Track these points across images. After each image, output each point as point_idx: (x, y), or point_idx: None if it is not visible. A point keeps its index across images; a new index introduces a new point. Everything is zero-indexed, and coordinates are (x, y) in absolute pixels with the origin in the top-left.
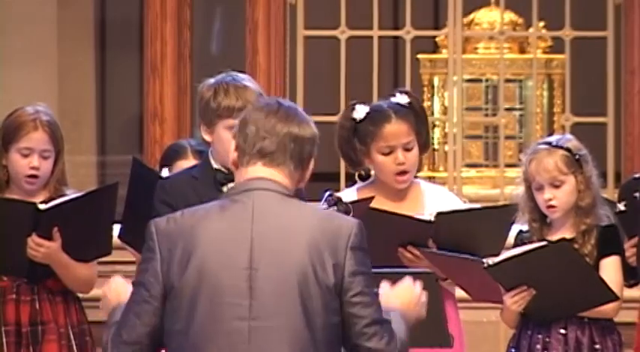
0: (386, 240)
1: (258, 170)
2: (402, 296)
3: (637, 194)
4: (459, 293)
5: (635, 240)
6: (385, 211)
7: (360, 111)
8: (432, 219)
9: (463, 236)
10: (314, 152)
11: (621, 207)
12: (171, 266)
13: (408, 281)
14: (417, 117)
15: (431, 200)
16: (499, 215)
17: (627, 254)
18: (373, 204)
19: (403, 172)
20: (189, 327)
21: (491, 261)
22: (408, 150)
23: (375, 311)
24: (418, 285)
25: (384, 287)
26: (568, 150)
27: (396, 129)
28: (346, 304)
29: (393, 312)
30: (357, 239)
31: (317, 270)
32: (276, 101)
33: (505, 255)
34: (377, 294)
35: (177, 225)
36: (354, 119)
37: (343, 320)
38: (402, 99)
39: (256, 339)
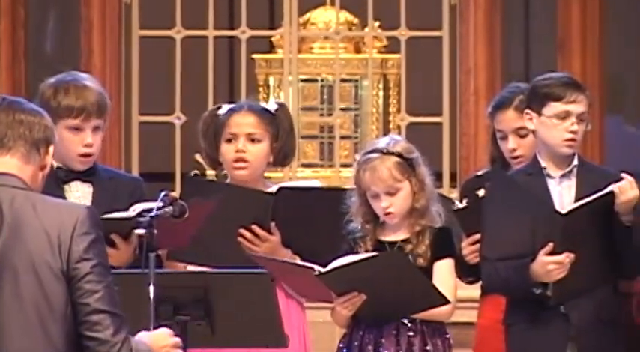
0: (230, 222)
1: None
2: (154, 340)
3: (479, 192)
4: None
5: (475, 237)
6: (227, 184)
7: (224, 108)
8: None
9: (302, 214)
10: (51, 139)
11: (460, 204)
12: None
13: (164, 330)
14: (278, 124)
15: None
16: (338, 197)
17: (465, 252)
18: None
19: (239, 161)
20: None
21: (322, 269)
22: (252, 141)
23: (101, 300)
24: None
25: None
26: (400, 155)
27: (242, 119)
28: (73, 291)
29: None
30: (85, 226)
31: (49, 259)
32: (2, 97)
33: (336, 263)
34: (109, 286)
35: None
36: (217, 115)
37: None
38: (271, 105)
39: None
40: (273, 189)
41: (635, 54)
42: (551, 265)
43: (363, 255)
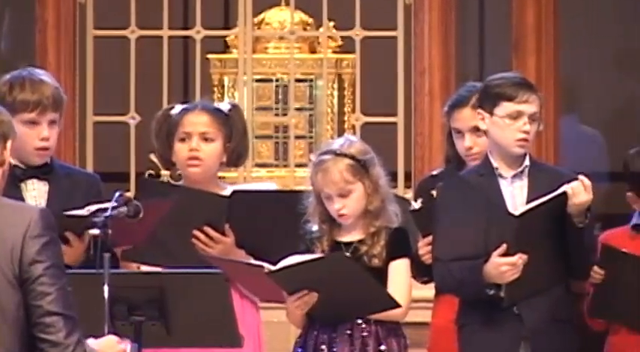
0: (184, 223)
1: None
2: (102, 347)
3: (433, 192)
4: None
5: (430, 238)
6: (181, 186)
7: (178, 108)
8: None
9: (256, 216)
10: (8, 134)
11: (416, 205)
12: None
13: (112, 338)
14: (231, 124)
15: None
16: (291, 200)
17: (421, 252)
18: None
19: (194, 159)
20: None
21: (272, 267)
22: (205, 140)
23: (54, 303)
24: (127, 345)
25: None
26: (353, 157)
27: (195, 119)
28: (26, 294)
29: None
30: (38, 227)
31: (1, 262)
32: None
33: (286, 261)
34: (62, 288)
35: None
36: (170, 115)
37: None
38: (224, 105)
39: None
40: (228, 191)
41: (591, 53)
42: (504, 266)
43: (310, 256)
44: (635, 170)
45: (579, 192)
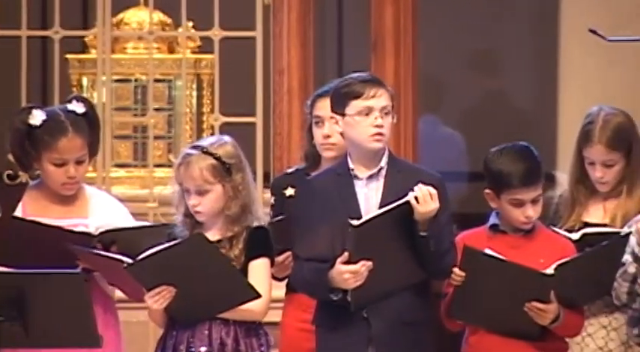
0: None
1: None
2: None
3: (285, 191)
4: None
5: None
6: (30, 220)
7: (37, 118)
8: (95, 232)
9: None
10: None
11: (271, 201)
12: None
13: None
14: (91, 126)
15: (96, 205)
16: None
17: None
18: (33, 216)
19: (70, 183)
20: None
21: (131, 260)
22: (79, 163)
23: None
24: None
25: None
26: (218, 158)
27: (71, 145)
28: None
29: None
30: None
31: None
32: None
33: (143, 254)
34: None
35: None
36: (30, 124)
37: None
38: (78, 107)
39: None
40: (92, 229)
41: (450, 54)
42: (346, 274)
43: (168, 244)
44: (495, 168)
45: (426, 201)
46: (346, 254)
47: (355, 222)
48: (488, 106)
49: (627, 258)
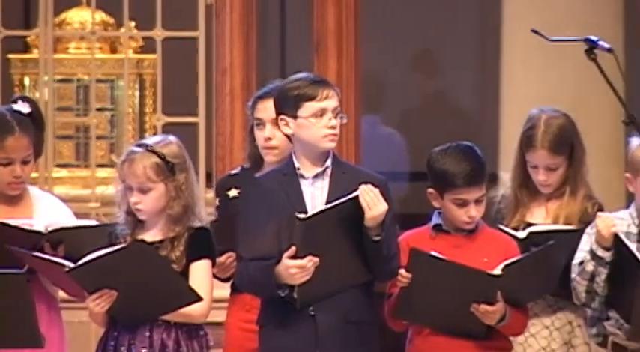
0: None
1: None
2: None
3: (229, 192)
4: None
5: None
6: None
7: None
8: (44, 230)
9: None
10: None
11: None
12: None
13: None
14: (37, 126)
15: (41, 205)
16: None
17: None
18: None
19: (16, 183)
20: None
21: (72, 265)
22: (25, 163)
23: None
24: None
25: None
26: (162, 157)
27: (17, 144)
28: None
29: None
30: None
31: None
32: None
33: (86, 258)
34: None
35: None
36: None
37: None
38: (23, 108)
39: None
40: (41, 227)
41: (392, 54)
42: (293, 269)
43: (109, 249)
44: (439, 168)
45: (375, 203)
46: (293, 248)
47: (302, 216)
48: (429, 106)
49: (584, 256)
